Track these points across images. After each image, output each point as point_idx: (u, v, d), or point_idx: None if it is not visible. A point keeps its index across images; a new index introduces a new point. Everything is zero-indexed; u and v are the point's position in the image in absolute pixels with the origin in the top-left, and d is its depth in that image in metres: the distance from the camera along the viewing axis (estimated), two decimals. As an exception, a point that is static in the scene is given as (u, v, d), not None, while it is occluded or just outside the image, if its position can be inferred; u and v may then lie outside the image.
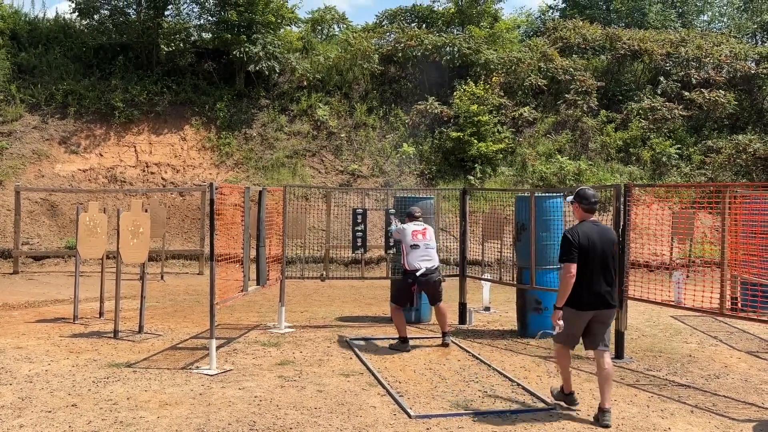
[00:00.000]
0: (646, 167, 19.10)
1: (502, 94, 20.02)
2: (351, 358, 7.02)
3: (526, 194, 8.37)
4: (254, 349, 7.40)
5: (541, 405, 5.52)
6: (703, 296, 6.90)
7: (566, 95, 20.21)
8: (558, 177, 18.23)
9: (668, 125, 19.81)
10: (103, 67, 19.57)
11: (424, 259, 7.39)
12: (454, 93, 19.40)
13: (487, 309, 9.99)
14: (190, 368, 6.54)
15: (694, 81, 20.41)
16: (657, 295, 7.35)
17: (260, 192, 7.93)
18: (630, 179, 18.28)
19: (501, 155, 18.95)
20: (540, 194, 8.27)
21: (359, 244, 8.69)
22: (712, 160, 18.99)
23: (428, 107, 19.22)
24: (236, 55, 18.57)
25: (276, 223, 8.71)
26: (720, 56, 20.79)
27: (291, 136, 18.66)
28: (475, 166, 18.36)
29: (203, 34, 21.04)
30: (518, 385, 6.09)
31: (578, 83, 20.28)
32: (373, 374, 6.33)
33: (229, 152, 18.05)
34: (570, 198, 5.43)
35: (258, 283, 7.88)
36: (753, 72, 20.21)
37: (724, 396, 5.82)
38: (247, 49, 18.38)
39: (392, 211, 8.89)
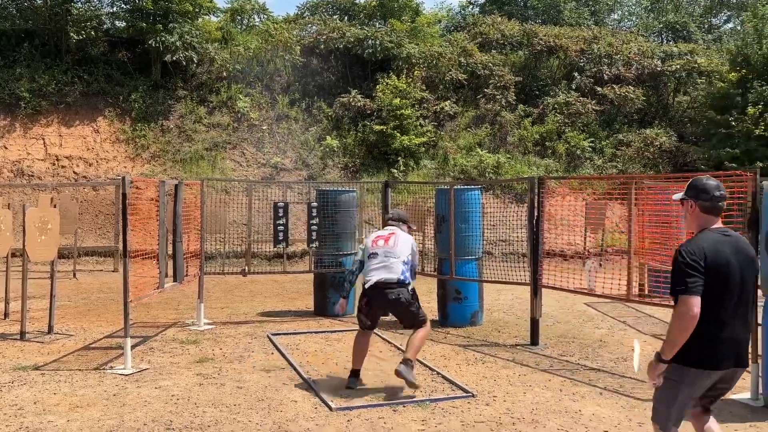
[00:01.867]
0: (561, 160, 19.78)
1: (424, 88, 20.23)
2: (272, 354, 6.95)
3: (445, 187, 8.50)
4: (172, 347, 7.20)
5: (459, 393, 5.64)
6: (612, 283, 7.24)
7: (485, 90, 20.65)
8: (478, 170, 18.63)
9: (582, 119, 20.57)
10: (6, 54, 18.46)
11: (377, 269, 5.72)
12: (377, 86, 19.45)
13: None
14: (104, 369, 6.30)
15: (605, 77, 21.29)
16: (571, 283, 7.64)
17: (176, 186, 7.72)
18: (546, 172, 18.90)
19: (423, 148, 19.18)
20: (459, 187, 8.43)
21: (281, 237, 8.60)
22: (622, 152, 19.88)
23: (351, 100, 19.20)
24: (152, 45, 17.93)
25: (194, 217, 8.50)
26: (629, 54, 21.76)
27: (210, 128, 18.22)
28: (399, 159, 18.50)
29: (116, 22, 20.20)
30: (438, 374, 6.20)
31: (497, 78, 20.75)
32: (295, 369, 6.29)
33: (145, 145, 17.44)
34: (679, 195, 3.57)
35: (175, 280, 7.67)
36: (659, 69, 21.24)
37: (630, 378, 6.12)
38: (163, 39, 17.78)
39: (314, 204, 8.84)
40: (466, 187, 8.79)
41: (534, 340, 7.39)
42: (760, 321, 5.37)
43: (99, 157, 17.03)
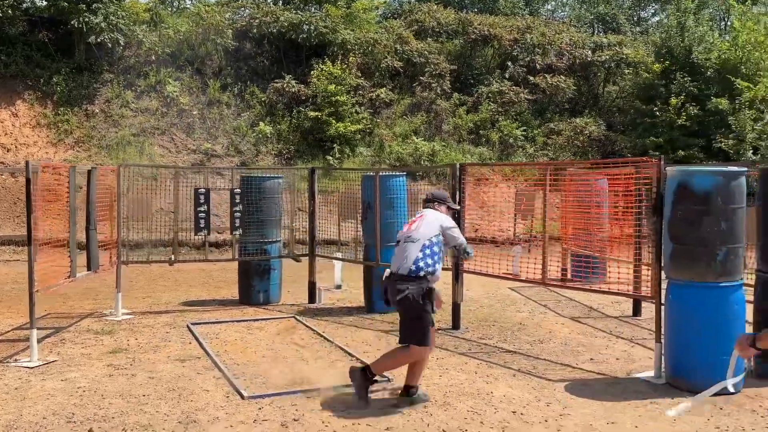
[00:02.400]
0: (494, 148, 20.07)
1: (360, 74, 20.12)
2: (190, 343, 6.80)
3: (371, 173, 8.48)
4: (85, 338, 6.96)
5: (377, 378, 5.63)
6: (535, 269, 7.33)
7: (421, 78, 20.72)
8: (414, 157, 18.71)
9: (515, 108, 20.90)
10: None
11: (393, 258, 5.07)
12: (312, 72, 19.24)
13: (338, 287, 10.06)
14: (8, 362, 6.03)
15: (538, 66, 21.66)
16: (497, 269, 7.67)
17: (89, 171, 7.43)
18: (480, 160, 19.15)
19: (359, 136, 19.11)
20: (384, 173, 8.42)
21: (203, 225, 8.41)
22: (553, 141, 20.32)
23: (285, 86, 18.93)
24: (75, 26, 17.18)
25: (114, 205, 8.21)
26: (561, 44, 22.20)
27: (138, 113, 17.65)
28: (334, 146, 18.38)
29: (37, 0, 19.28)
30: (357, 359, 6.18)
31: (432, 66, 20.84)
32: (211, 358, 6.17)
33: (69, 130, 16.75)
34: None
35: (89, 269, 7.40)
36: (589, 59, 21.76)
37: (544, 359, 6.27)
38: (87, 19, 17.05)
39: (237, 190, 8.67)
40: (391, 173, 8.78)
41: (455, 324, 7.48)
42: (663, 301, 5.56)
43: (18, 143, 16.26)
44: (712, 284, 5.20)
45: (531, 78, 21.34)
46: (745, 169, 5.34)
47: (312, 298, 9.00)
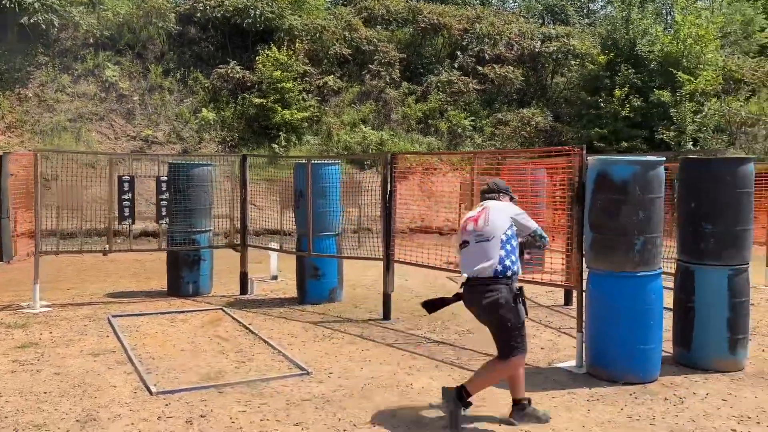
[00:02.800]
0: (443, 138, 20.05)
1: (307, 61, 19.81)
2: (107, 336, 6.53)
3: (303, 161, 8.28)
4: (-5, 332, 6.62)
5: (296, 371, 5.49)
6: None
7: (370, 66, 20.52)
8: (362, 146, 18.52)
9: (464, 98, 20.90)
10: None
11: (469, 259, 4.38)
12: (257, 58, 18.85)
13: (275, 278, 9.86)
14: None
15: (487, 57, 21.69)
16: (437, 259, 7.48)
17: (0, 157, 7.04)
18: (428, 149, 19.09)
19: (306, 124, 18.84)
20: (317, 161, 8.24)
21: (127, 214, 8.09)
22: (500, 131, 20.40)
23: (230, 71, 18.50)
24: (6, 5, 16.39)
25: (40, 192, 7.81)
26: (510, 34, 22.27)
27: (75, 97, 16.99)
28: (280, 134, 18.07)
29: (-34, -22, 18.33)
30: (279, 352, 6.03)
31: (382, 54, 20.66)
32: (126, 351, 5.92)
33: (0, 114, 16.03)
34: None
35: (0, 259, 7.04)
36: (537, 50, 21.89)
37: (470, 350, 6.21)
38: (19, -1, 16.31)
39: (164, 178, 8.37)
40: (323, 161, 8.60)
41: (386, 314, 7.38)
42: (584, 288, 5.55)
43: (-56, 127, 15.50)
44: (630, 274, 5.20)
45: (480, 68, 21.35)
46: (663, 158, 5.34)
47: (244, 289, 8.78)
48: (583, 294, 5.58)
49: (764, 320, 7.52)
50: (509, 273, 4.26)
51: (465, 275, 4.35)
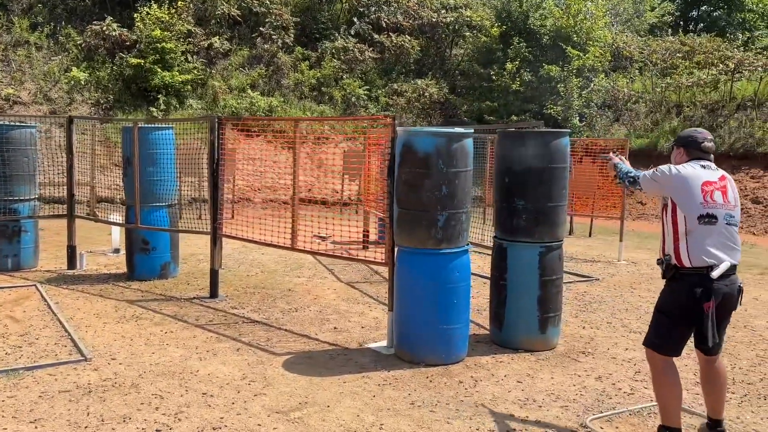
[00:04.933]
0: (337, 107, 19.56)
1: (192, 21, 18.76)
2: None
3: (129, 125, 7.62)
4: None
5: (76, 357, 4.97)
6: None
7: (261, 29, 19.68)
8: (249, 112, 17.80)
9: (361, 66, 20.42)
10: None
11: (723, 247, 3.45)
12: (136, 15, 17.65)
13: (116, 251, 9.19)
14: None
15: (384, 24, 21.24)
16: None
17: None
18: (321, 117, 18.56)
19: (190, 87, 17.90)
20: (144, 125, 7.60)
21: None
22: (395, 102, 20.09)
23: (106, 29, 17.28)
24: None
25: None
26: (409, 2, 21.86)
27: None
28: (159, 97, 17.08)
29: None
30: (69, 335, 5.47)
31: (274, 17, 19.84)
32: None
33: None
34: None
35: None
36: (435, 20, 21.60)
37: (286, 330, 5.85)
38: None
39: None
40: (153, 125, 7.97)
41: (213, 292, 6.91)
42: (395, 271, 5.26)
43: None
44: (433, 251, 4.94)
45: (377, 36, 20.90)
46: (471, 131, 5.08)
47: (72, 263, 8.09)
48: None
49: (600, 296, 7.53)
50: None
51: (725, 263, 3.38)
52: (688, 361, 4.87)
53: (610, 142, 12.94)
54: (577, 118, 18.52)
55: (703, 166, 3.52)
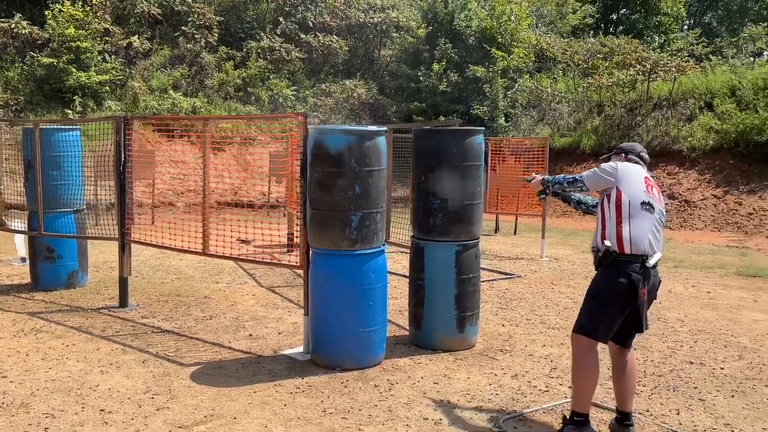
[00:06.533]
0: (264, 107, 19.21)
1: (109, 19, 18.03)
2: None
3: (30, 126, 7.17)
4: None
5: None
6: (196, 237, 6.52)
7: (184, 28, 19.12)
8: (171, 113, 17.24)
9: (288, 67, 20.13)
10: None
11: (655, 239, 3.59)
12: (48, 13, 16.81)
13: (23, 260, 8.64)
14: None
15: (311, 24, 21.02)
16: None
17: None
18: (249, 119, 18.16)
19: (108, 88, 17.19)
20: (47, 126, 7.17)
21: None
22: (323, 102, 19.90)
23: (15, 26, 16.39)
24: None
25: None
26: (335, 3, 21.71)
27: None
28: (75, 98, 16.33)
29: None
30: (-44, 353, 5.05)
31: (197, 16, 19.31)
32: None
33: None
34: None
35: None
36: (362, 20, 21.52)
37: (198, 339, 5.59)
38: None
39: None
40: (57, 127, 7.53)
41: (123, 301, 6.56)
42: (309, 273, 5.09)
43: None
44: (347, 252, 4.80)
45: (303, 36, 20.66)
46: (384, 129, 4.98)
47: (-31, 274, 7.55)
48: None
49: (520, 293, 7.58)
50: None
51: (657, 256, 3.55)
52: (603, 355, 4.90)
53: (533, 140, 13.15)
54: (503, 118, 18.80)
55: (642, 167, 3.80)
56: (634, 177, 3.64)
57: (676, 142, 15.65)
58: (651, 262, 3.48)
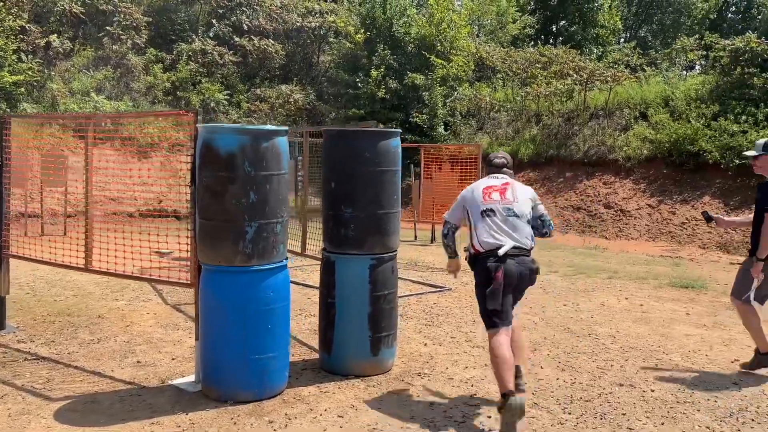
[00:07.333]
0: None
1: (26, 17, 16.93)
2: None
3: None
4: None
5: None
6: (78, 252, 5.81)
7: (109, 28, 18.16)
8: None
9: (221, 71, 19.38)
10: None
11: (502, 231, 4.12)
12: (-44, 7, 15.66)
13: None
14: None
15: (246, 27, 20.34)
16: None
17: None
18: (177, 123, 17.31)
19: (24, 89, 16.09)
20: None
21: None
22: (258, 108, 19.21)
23: None
24: None
25: None
26: (271, 6, 21.09)
27: None
28: (-14, 100, 15.19)
29: None
30: None
31: (123, 16, 18.38)
32: None
33: None
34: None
35: None
36: (298, 25, 20.96)
37: (76, 367, 4.90)
38: None
39: None
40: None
41: (0, 323, 5.79)
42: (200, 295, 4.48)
43: None
44: (241, 269, 4.22)
45: (237, 39, 19.95)
46: (285, 128, 4.43)
47: None
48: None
49: (448, 308, 7.12)
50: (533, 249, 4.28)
51: (508, 245, 4.09)
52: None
53: (466, 147, 12.90)
54: (442, 126, 18.51)
55: (491, 177, 4.39)
56: (473, 194, 4.31)
57: (612, 152, 15.62)
58: (501, 251, 4.06)
